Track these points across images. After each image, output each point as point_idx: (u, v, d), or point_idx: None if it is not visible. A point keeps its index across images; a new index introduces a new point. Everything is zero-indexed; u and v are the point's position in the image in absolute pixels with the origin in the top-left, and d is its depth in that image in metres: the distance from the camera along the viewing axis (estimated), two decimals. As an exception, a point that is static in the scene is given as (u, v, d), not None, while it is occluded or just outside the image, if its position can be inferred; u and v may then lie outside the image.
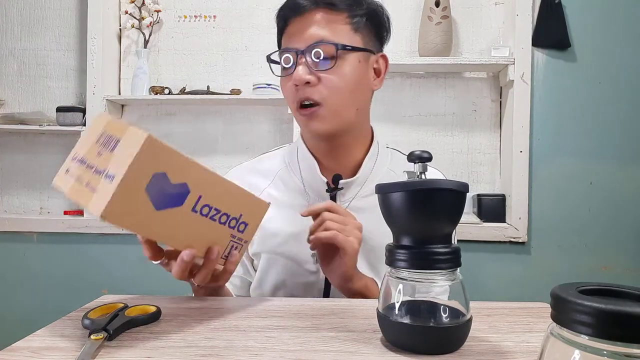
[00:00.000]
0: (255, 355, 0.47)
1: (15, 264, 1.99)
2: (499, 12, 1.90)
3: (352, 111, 0.80)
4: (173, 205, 0.53)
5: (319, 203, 0.74)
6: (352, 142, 0.84)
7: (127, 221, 0.51)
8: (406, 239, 0.49)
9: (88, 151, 0.55)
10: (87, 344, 0.47)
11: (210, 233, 0.59)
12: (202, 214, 0.57)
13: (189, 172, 0.54)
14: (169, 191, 0.52)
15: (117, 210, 0.49)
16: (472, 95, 1.91)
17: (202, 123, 2.00)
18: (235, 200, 0.61)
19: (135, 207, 0.50)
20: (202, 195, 0.56)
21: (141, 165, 0.49)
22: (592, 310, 0.27)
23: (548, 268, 1.80)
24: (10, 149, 2.07)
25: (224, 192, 0.59)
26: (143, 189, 0.50)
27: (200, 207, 0.56)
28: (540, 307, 0.63)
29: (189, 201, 0.55)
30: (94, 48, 1.89)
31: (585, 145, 1.81)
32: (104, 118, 0.57)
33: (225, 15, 2.00)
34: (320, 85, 0.76)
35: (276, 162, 0.92)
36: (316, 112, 0.77)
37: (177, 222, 0.55)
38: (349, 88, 0.78)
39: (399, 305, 0.48)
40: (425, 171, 0.52)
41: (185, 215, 0.55)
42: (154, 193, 0.51)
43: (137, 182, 0.50)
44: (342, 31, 0.77)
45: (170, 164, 0.52)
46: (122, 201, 0.49)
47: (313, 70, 0.76)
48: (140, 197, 0.50)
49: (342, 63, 0.77)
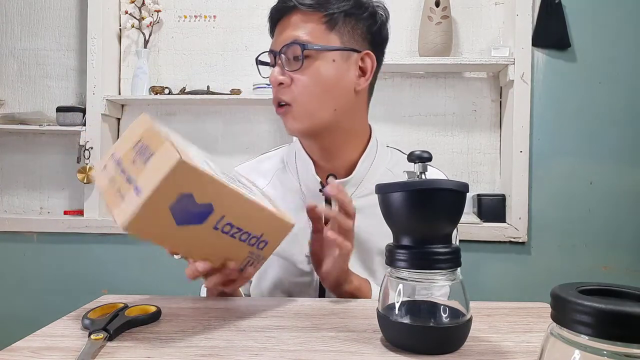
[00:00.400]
0: (255, 355, 0.47)
1: (15, 264, 1.99)
2: (499, 12, 1.90)
3: (327, 111, 0.79)
4: (195, 222, 0.53)
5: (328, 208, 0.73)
6: (342, 143, 0.83)
7: (147, 234, 0.52)
8: (406, 239, 0.49)
9: (125, 155, 0.55)
10: (87, 344, 0.47)
11: (229, 249, 0.59)
12: (223, 232, 0.56)
13: (216, 193, 0.53)
14: (193, 210, 0.52)
15: (140, 225, 0.50)
16: (472, 95, 1.91)
17: (202, 123, 2.00)
18: (259, 220, 0.60)
19: (157, 222, 0.51)
20: (225, 215, 0.55)
21: (168, 187, 0.49)
22: (592, 310, 0.27)
23: (548, 268, 1.80)
24: (10, 149, 2.07)
25: (249, 213, 0.58)
26: (167, 207, 0.50)
27: (222, 225, 0.56)
28: (540, 307, 0.63)
29: (211, 219, 0.54)
30: (94, 48, 1.89)
31: (585, 145, 1.81)
32: (144, 122, 0.56)
33: (225, 15, 2.00)
34: (292, 86, 0.77)
35: (274, 162, 0.93)
36: (286, 112, 0.79)
37: (197, 237, 0.55)
38: (321, 88, 0.77)
39: (399, 305, 0.48)
40: (425, 171, 0.52)
41: (206, 231, 0.55)
42: (178, 211, 0.51)
43: (162, 201, 0.50)
44: (315, 31, 0.77)
45: (198, 185, 0.52)
46: (145, 216, 0.49)
47: (285, 71, 0.77)
48: (163, 214, 0.50)
49: (314, 63, 0.76)
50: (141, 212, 0.49)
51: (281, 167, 0.91)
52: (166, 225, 0.51)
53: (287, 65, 0.77)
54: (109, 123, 1.97)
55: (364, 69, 0.82)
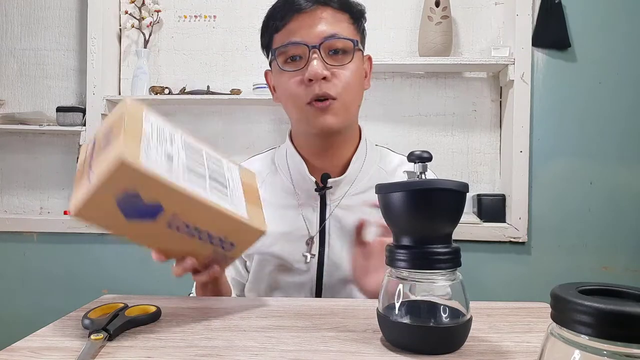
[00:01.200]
0: (255, 355, 0.47)
1: (15, 264, 1.99)
2: (499, 12, 1.90)
3: (357, 108, 0.83)
4: (145, 219, 0.53)
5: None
6: (343, 140, 0.85)
7: (98, 223, 0.52)
8: (406, 239, 0.49)
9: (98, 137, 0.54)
10: (87, 344, 0.47)
11: (189, 246, 0.58)
12: (178, 231, 0.55)
13: (165, 195, 0.52)
14: (141, 207, 0.51)
15: (89, 213, 0.51)
16: (472, 95, 1.91)
17: (202, 123, 2.00)
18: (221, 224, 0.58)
19: (105, 213, 0.51)
20: (178, 214, 0.54)
21: (112, 184, 0.49)
22: (592, 310, 0.27)
23: (548, 268, 1.80)
24: (10, 149, 2.07)
25: (208, 216, 0.56)
26: (114, 200, 0.50)
27: (177, 224, 0.55)
28: (540, 307, 0.63)
29: (162, 218, 0.53)
30: (94, 48, 1.89)
31: (585, 145, 1.81)
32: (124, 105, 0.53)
33: (225, 15, 2.00)
34: (335, 80, 0.77)
35: (265, 163, 0.93)
36: (331, 106, 0.77)
37: (150, 232, 0.54)
38: (357, 85, 0.80)
39: (399, 305, 0.48)
40: (426, 171, 0.52)
41: (159, 229, 0.54)
42: (125, 206, 0.51)
43: (108, 195, 0.49)
44: (349, 30, 0.79)
45: (144, 187, 0.50)
46: (93, 206, 0.50)
47: (328, 65, 0.76)
48: (111, 207, 0.50)
49: (354, 60, 0.79)
50: (89, 201, 0.49)
51: (272, 169, 0.91)
52: (115, 218, 0.51)
53: (327, 59, 0.77)
54: (109, 123, 1.96)
55: (365, 70, 0.87)
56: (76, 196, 0.51)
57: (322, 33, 0.76)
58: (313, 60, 0.75)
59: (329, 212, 0.84)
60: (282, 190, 0.87)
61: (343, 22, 0.79)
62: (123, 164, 0.47)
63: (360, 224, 0.77)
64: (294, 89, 0.78)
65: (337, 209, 0.84)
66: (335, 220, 0.84)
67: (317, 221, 0.84)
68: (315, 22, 0.76)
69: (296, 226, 0.84)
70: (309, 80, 0.76)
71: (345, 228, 0.83)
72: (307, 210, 0.85)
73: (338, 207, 0.84)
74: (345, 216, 0.83)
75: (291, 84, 0.78)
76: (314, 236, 0.83)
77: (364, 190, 0.85)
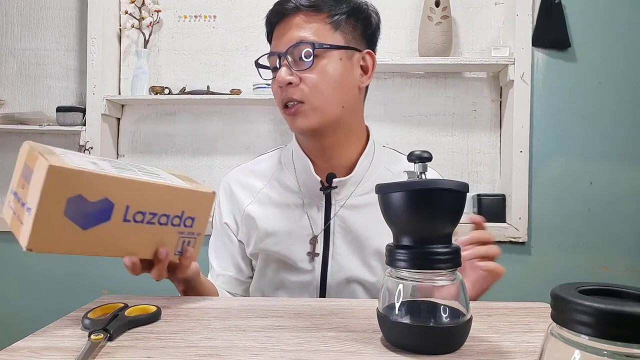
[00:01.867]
0: (255, 355, 0.47)
1: (15, 264, 1.99)
2: (499, 12, 1.90)
3: (336, 108, 0.80)
4: (100, 221, 0.53)
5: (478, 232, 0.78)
6: (343, 141, 0.84)
7: (56, 247, 0.51)
8: (406, 238, 0.49)
9: (17, 184, 0.55)
10: (87, 344, 0.47)
11: (153, 236, 0.59)
12: (136, 221, 0.55)
13: (107, 187, 0.53)
14: (91, 210, 0.52)
15: (42, 240, 0.50)
16: (472, 95, 1.91)
17: (202, 123, 2.00)
18: (172, 200, 0.59)
19: (59, 233, 0.50)
20: (129, 204, 0.54)
21: (51, 195, 0.49)
22: (592, 310, 0.27)
23: (548, 268, 1.80)
24: (10, 149, 2.07)
25: (156, 196, 0.57)
26: (62, 214, 0.50)
27: (132, 215, 0.55)
28: (540, 307, 0.63)
29: (116, 214, 0.53)
30: (94, 48, 1.89)
31: (585, 145, 1.81)
32: (25, 148, 0.56)
33: (225, 15, 2.00)
34: (301, 85, 0.78)
35: (272, 163, 0.93)
36: (298, 109, 0.79)
37: (111, 234, 0.54)
38: (331, 85, 0.79)
39: (399, 305, 0.48)
40: (426, 171, 0.52)
41: (118, 226, 0.54)
42: (75, 216, 0.50)
43: (53, 210, 0.49)
44: (321, 31, 0.78)
45: (83, 185, 0.51)
46: (43, 230, 0.49)
47: (294, 70, 0.78)
48: (61, 223, 0.50)
49: (322, 61, 0.78)
50: (37, 227, 0.48)
51: (279, 168, 0.91)
52: (72, 233, 0.51)
53: (294, 65, 0.78)
54: (109, 123, 1.96)
55: (365, 67, 0.84)
56: (22, 234, 0.50)
57: (290, 40, 0.78)
58: (281, 68, 0.78)
59: (334, 212, 0.84)
60: (287, 189, 0.88)
61: (316, 24, 0.78)
62: (51, 167, 0.48)
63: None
64: (275, 95, 0.83)
65: (342, 209, 0.84)
66: (340, 220, 0.84)
67: (321, 221, 0.85)
68: (288, 30, 0.79)
69: (300, 225, 0.84)
70: (279, 87, 0.79)
71: (350, 228, 0.84)
72: (311, 209, 0.85)
73: (343, 208, 0.84)
74: (351, 216, 0.84)
75: (274, 91, 0.83)
76: (318, 235, 0.84)
77: (370, 191, 0.85)
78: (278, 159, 0.93)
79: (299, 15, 0.79)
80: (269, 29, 0.85)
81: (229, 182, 0.93)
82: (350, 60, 0.81)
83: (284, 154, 0.93)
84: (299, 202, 0.86)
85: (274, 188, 0.89)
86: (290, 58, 0.78)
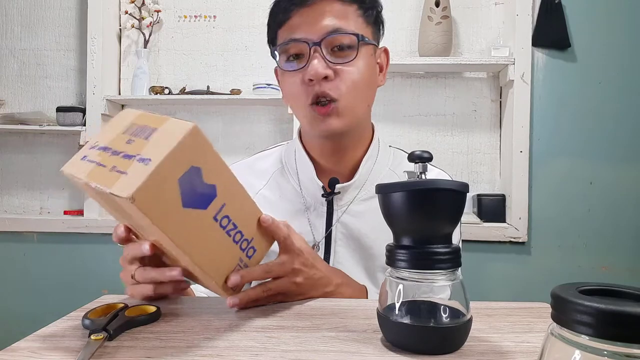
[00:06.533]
0: (255, 355, 0.47)
1: (15, 264, 1.99)
2: (499, 12, 1.90)
3: (364, 108, 0.77)
4: (199, 206, 0.51)
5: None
6: (354, 142, 0.81)
7: (153, 210, 0.47)
8: (406, 239, 0.49)
9: (113, 140, 0.52)
10: (87, 344, 0.47)
11: (223, 249, 0.56)
12: (221, 226, 0.54)
13: (221, 174, 0.52)
14: (199, 189, 0.50)
15: (148, 195, 0.46)
16: (472, 95, 1.91)
17: (202, 123, 2.00)
18: (250, 218, 0.58)
19: (164, 196, 0.47)
20: (225, 203, 0.53)
21: (181, 154, 0.48)
22: (592, 310, 0.27)
23: (548, 268, 1.80)
24: (10, 149, 2.07)
25: (244, 207, 0.56)
26: (176, 179, 0.48)
27: (221, 217, 0.54)
28: (540, 307, 0.63)
29: (213, 207, 0.52)
30: (94, 48, 1.89)
31: (585, 145, 1.81)
32: (132, 112, 0.55)
33: (225, 15, 2.00)
34: (337, 80, 0.71)
35: (272, 161, 0.89)
36: (334, 109, 0.72)
37: (197, 226, 0.52)
38: (364, 83, 0.74)
39: (399, 305, 0.48)
40: (426, 171, 0.51)
41: (206, 221, 0.52)
42: (185, 187, 0.49)
43: (173, 169, 0.47)
44: (356, 22, 0.73)
45: (208, 161, 0.50)
46: (154, 186, 0.46)
47: (330, 63, 0.71)
48: (172, 188, 0.48)
49: (359, 56, 0.72)
50: (151, 180, 0.45)
51: (279, 168, 0.87)
52: (172, 204, 0.48)
53: (331, 56, 0.71)
54: (109, 123, 1.97)
55: (380, 64, 0.81)
56: (121, 184, 0.46)
57: (325, 28, 0.70)
58: (314, 59, 0.70)
59: (336, 218, 0.80)
60: (288, 192, 0.84)
61: (350, 14, 0.72)
62: (196, 128, 0.48)
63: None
64: (296, 89, 0.74)
65: (345, 214, 0.80)
66: (342, 226, 0.80)
67: (323, 227, 0.81)
68: (317, 17, 0.71)
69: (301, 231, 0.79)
70: (309, 80, 0.71)
71: (353, 235, 0.79)
72: (312, 214, 0.81)
73: (346, 213, 0.80)
74: (353, 223, 0.80)
75: (293, 84, 0.74)
76: (319, 242, 0.80)
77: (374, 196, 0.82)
78: (278, 158, 0.89)
79: (328, 3, 0.71)
80: (281, 17, 0.74)
81: None
82: (373, 57, 0.77)
83: (286, 153, 0.88)
84: (299, 206, 0.82)
85: (273, 190, 0.85)
86: (325, 48, 0.71)
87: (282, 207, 0.83)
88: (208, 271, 0.55)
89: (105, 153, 0.51)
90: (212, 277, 0.56)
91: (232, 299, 0.58)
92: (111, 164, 0.49)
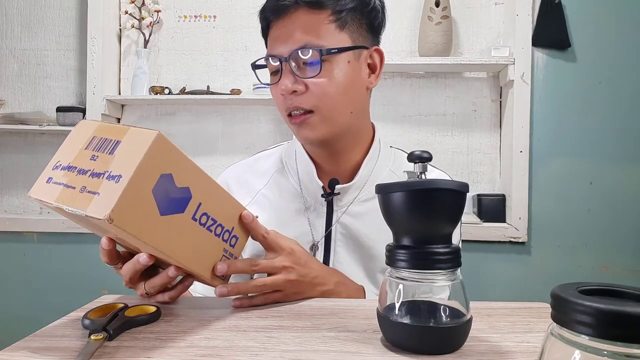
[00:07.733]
0: (255, 355, 0.47)
1: (15, 264, 1.99)
2: (499, 12, 1.90)
3: (346, 115, 0.75)
4: (176, 211, 0.52)
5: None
6: (350, 145, 0.81)
7: (133, 226, 0.48)
8: (406, 239, 0.49)
9: (76, 157, 0.52)
10: (87, 344, 0.47)
11: (206, 245, 0.57)
12: (200, 223, 0.55)
13: (192, 175, 0.53)
14: (173, 195, 0.51)
15: (125, 213, 0.46)
16: (472, 95, 1.91)
17: (202, 123, 2.00)
18: (229, 210, 0.59)
19: (141, 210, 0.48)
20: (202, 202, 0.54)
21: (150, 164, 0.48)
22: (592, 310, 0.27)
23: (548, 268, 1.80)
24: (10, 149, 2.07)
25: (220, 201, 0.58)
26: (150, 190, 0.48)
27: (200, 215, 0.55)
28: (540, 307, 0.63)
29: (190, 208, 0.53)
30: (94, 48, 1.89)
31: (585, 145, 1.81)
32: (90, 123, 0.54)
33: (225, 15, 2.00)
34: (308, 93, 0.72)
35: (273, 161, 0.89)
36: (307, 120, 0.73)
37: (179, 230, 0.53)
38: (340, 91, 0.73)
39: (399, 305, 0.48)
40: (426, 171, 0.51)
41: (186, 223, 0.53)
42: (160, 196, 0.49)
43: (145, 182, 0.48)
44: (326, 32, 0.71)
45: (177, 165, 0.51)
46: (129, 202, 0.46)
47: (299, 77, 0.72)
48: (147, 200, 0.48)
49: (330, 66, 0.72)
50: (125, 197, 0.45)
51: (280, 168, 0.87)
52: (150, 215, 0.49)
53: (299, 71, 0.72)
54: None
55: (372, 65, 0.79)
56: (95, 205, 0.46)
57: (294, 44, 0.71)
58: (284, 74, 0.72)
59: (336, 218, 0.80)
60: (288, 193, 0.84)
61: (321, 23, 0.71)
62: (159, 135, 0.48)
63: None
64: (277, 100, 0.77)
65: (345, 215, 0.80)
66: (341, 227, 0.80)
67: (322, 227, 0.81)
68: (289, 30, 0.72)
69: (300, 231, 0.80)
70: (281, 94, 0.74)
71: (352, 236, 0.80)
72: (313, 214, 0.81)
73: (345, 214, 0.80)
74: (353, 223, 0.80)
75: (275, 95, 0.77)
76: (319, 242, 0.80)
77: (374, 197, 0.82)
78: (279, 158, 0.89)
79: (299, 12, 0.71)
80: (264, 25, 0.78)
81: (227, 179, 0.89)
82: (358, 60, 0.75)
83: (286, 153, 0.88)
84: (299, 206, 0.82)
85: (274, 190, 0.85)
86: (293, 63, 0.72)
87: (282, 207, 0.83)
88: (195, 268, 0.57)
89: (70, 173, 0.51)
90: (200, 271, 0.58)
91: (220, 288, 0.60)
92: (80, 185, 0.49)
